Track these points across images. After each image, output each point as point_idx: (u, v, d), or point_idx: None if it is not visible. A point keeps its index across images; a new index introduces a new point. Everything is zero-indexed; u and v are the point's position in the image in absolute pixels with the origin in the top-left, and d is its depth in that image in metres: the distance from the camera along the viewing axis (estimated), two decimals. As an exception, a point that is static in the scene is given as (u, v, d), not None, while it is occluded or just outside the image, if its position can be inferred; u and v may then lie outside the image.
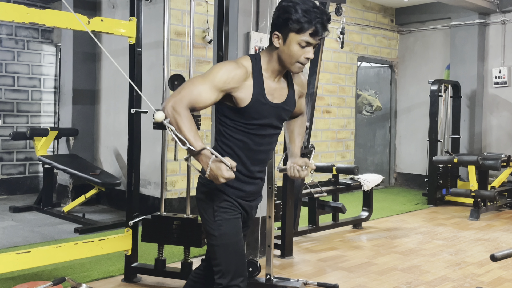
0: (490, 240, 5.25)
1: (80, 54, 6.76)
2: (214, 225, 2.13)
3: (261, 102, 2.11)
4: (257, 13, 4.33)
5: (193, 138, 1.94)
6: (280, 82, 2.21)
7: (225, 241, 2.12)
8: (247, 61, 2.13)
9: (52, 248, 3.28)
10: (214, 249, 2.14)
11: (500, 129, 7.81)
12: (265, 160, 2.26)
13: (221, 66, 2.08)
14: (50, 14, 3.22)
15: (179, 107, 1.96)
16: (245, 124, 2.13)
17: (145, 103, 3.76)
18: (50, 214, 6.03)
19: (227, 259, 2.12)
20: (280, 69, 2.16)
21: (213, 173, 1.93)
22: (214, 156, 1.93)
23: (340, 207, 5.24)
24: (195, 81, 2.04)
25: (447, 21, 8.28)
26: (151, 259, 4.02)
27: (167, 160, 5.57)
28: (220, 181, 1.94)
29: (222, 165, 1.93)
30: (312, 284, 3.76)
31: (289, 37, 2.06)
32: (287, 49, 2.08)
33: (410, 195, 8.05)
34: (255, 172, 2.20)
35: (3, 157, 7.36)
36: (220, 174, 1.93)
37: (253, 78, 2.10)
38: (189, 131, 1.94)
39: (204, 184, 2.18)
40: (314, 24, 2.03)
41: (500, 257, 2.35)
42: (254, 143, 2.16)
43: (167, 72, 3.84)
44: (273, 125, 2.20)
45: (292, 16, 2.03)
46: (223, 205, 2.15)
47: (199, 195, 2.21)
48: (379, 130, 9.32)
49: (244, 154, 2.14)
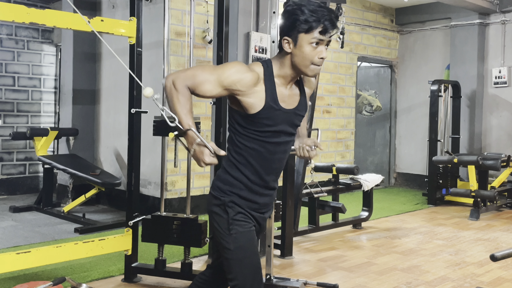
0: (490, 240, 5.26)
1: (80, 54, 6.76)
2: (229, 238, 2.07)
3: (274, 108, 2.06)
4: (257, 13, 4.34)
5: (184, 116, 1.93)
6: (292, 88, 2.16)
7: (241, 255, 2.07)
8: (258, 67, 2.09)
9: (52, 248, 3.28)
10: (230, 262, 2.07)
11: (500, 129, 7.81)
12: (280, 169, 2.21)
13: (233, 65, 2.05)
14: (50, 14, 3.21)
15: (180, 83, 1.96)
16: (258, 131, 2.08)
17: (145, 103, 3.76)
18: (50, 214, 6.03)
19: (243, 273, 2.07)
20: (293, 75, 2.11)
21: (196, 155, 1.94)
22: (199, 138, 1.92)
23: (340, 207, 5.24)
24: (205, 68, 2.03)
25: (447, 21, 8.28)
26: (151, 259, 4.02)
27: (167, 160, 5.57)
28: (201, 165, 1.95)
29: (205, 149, 1.93)
30: (312, 284, 3.76)
31: (299, 38, 2.03)
32: (299, 51, 2.04)
33: (410, 195, 8.05)
34: (269, 181, 2.16)
35: (3, 157, 7.36)
36: (202, 158, 1.93)
37: (265, 84, 2.06)
38: (181, 108, 1.94)
39: (217, 197, 2.12)
40: (322, 22, 2.01)
41: (500, 257, 2.35)
42: (268, 151, 2.11)
43: (167, 72, 3.84)
44: (287, 131, 2.15)
45: (299, 17, 2.01)
46: (238, 218, 2.09)
47: (212, 208, 2.15)
48: (379, 130, 9.32)
49: (258, 163, 2.09)
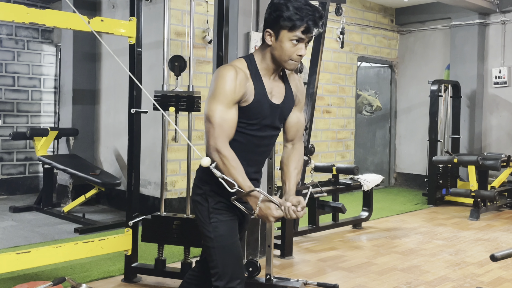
0: (490, 240, 5.25)
1: (80, 54, 6.76)
2: (209, 227, 2.12)
3: (263, 101, 2.11)
4: (257, 13, 4.34)
5: (242, 180, 1.98)
6: (276, 80, 2.20)
7: (221, 243, 2.11)
8: (241, 63, 2.12)
9: (52, 248, 3.28)
10: (210, 251, 2.12)
11: (500, 129, 7.81)
12: (262, 162, 2.26)
13: (223, 78, 2.04)
14: (50, 14, 3.22)
15: (222, 148, 2.00)
16: (245, 124, 2.11)
17: (145, 103, 3.76)
18: (50, 214, 6.03)
19: (224, 261, 2.11)
20: (275, 67, 2.15)
21: (262, 212, 1.98)
22: (262, 195, 1.97)
23: (340, 207, 5.24)
24: (214, 110, 2.02)
25: (447, 21, 8.28)
26: (151, 259, 4.02)
27: (167, 160, 5.57)
28: (270, 221, 2.00)
29: (271, 204, 1.98)
30: (312, 284, 3.76)
31: (281, 34, 2.06)
32: (279, 46, 2.07)
33: (410, 195, 8.05)
34: (250, 173, 2.18)
35: (3, 157, 7.36)
36: (269, 213, 1.98)
37: (252, 79, 2.10)
38: (238, 174, 1.99)
39: (199, 186, 2.18)
40: (306, 21, 2.03)
41: (500, 257, 2.35)
42: (253, 144, 2.16)
43: (167, 72, 3.84)
44: (274, 125, 2.19)
45: (283, 14, 2.03)
46: (218, 207, 2.14)
47: (194, 197, 2.20)
48: (379, 130, 9.32)
49: (240, 155, 2.09)
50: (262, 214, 1.98)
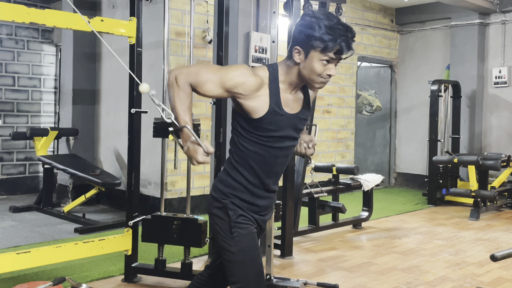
0: (490, 240, 5.25)
1: (80, 54, 6.76)
2: (232, 241, 2.05)
3: (278, 113, 2.03)
4: (257, 13, 4.34)
5: (181, 112, 1.95)
6: (296, 93, 2.12)
7: (244, 258, 2.05)
8: (264, 71, 2.05)
9: (52, 248, 3.28)
10: (232, 265, 2.05)
11: (500, 129, 7.81)
12: (280, 173, 2.19)
13: (238, 68, 2.03)
14: (50, 14, 3.21)
15: (182, 79, 1.96)
16: (261, 136, 2.05)
17: (145, 103, 3.76)
18: (50, 214, 6.03)
19: (246, 276, 2.05)
20: (299, 83, 2.07)
21: (189, 153, 1.96)
22: (193, 137, 1.93)
23: (340, 207, 5.24)
24: (210, 67, 2.03)
25: (447, 21, 8.28)
26: (151, 259, 4.02)
27: (167, 160, 5.57)
28: (193, 163, 1.96)
29: (199, 148, 1.94)
30: (312, 284, 3.76)
31: (311, 53, 1.96)
32: (308, 65, 1.98)
33: (410, 195, 8.05)
34: (270, 184, 2.14)
35: (3, 157, 7.36)
36: (195, 156, 1.94)
37: (269, 89, 2.03)
38: (180, 104, 1.95)
39: (219, 200, 2.11)
40: (338, 43, 1.93)
41: (500, 257, 2.34)
42: (271, 155, 2.09)
43: (167, 72, 3.84)
44: (291, 136, 2.12)
45: (315, 33, 1.93)
46: (240, 220, 2.07)
47: (213, 210, 2.13)
48: (379, 130, 9.32)
49: (259, 166, 2.07)
50: (189, 154, 1.96)
